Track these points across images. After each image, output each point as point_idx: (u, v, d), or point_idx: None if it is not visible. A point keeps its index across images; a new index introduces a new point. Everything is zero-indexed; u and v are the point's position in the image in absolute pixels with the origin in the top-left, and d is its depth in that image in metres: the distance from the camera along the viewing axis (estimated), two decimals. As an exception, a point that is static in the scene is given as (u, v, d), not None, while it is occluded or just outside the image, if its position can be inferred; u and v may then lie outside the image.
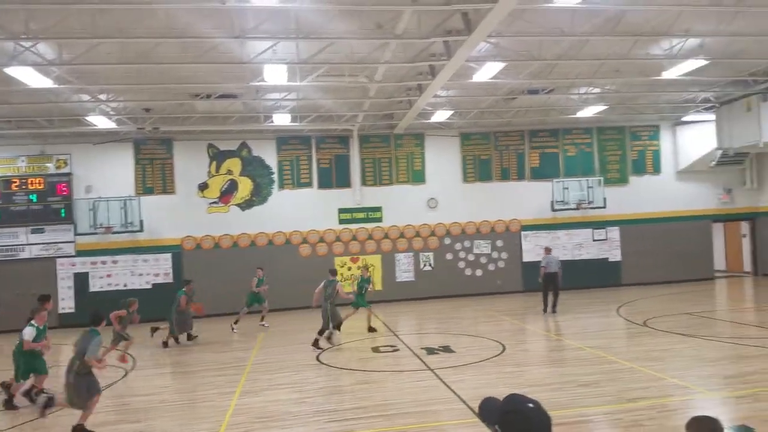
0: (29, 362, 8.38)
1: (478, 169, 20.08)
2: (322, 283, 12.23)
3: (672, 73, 14.00)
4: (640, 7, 9.88)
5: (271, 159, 19.20)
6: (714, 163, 20.05)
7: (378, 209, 19.61)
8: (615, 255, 20.12)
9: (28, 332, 8.26)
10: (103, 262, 18.16)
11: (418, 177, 19.84)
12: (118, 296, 14.33)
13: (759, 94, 16.72)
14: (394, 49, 11.37)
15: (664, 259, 19.97)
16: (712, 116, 19.11)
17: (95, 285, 18.05)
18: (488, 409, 1.98)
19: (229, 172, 18.97)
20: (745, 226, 21.81)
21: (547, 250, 15.98)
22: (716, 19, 11.02)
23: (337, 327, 12.21)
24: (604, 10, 10.14)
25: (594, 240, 20.25)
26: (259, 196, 19.08)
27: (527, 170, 20.26)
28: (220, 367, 10.67)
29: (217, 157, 18.94)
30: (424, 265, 19.67)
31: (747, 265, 21.73)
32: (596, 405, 7.08)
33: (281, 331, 14.57)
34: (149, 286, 18.07)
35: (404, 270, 19.59)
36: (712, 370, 8.43)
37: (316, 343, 11.69)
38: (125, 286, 17.97)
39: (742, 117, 17.46)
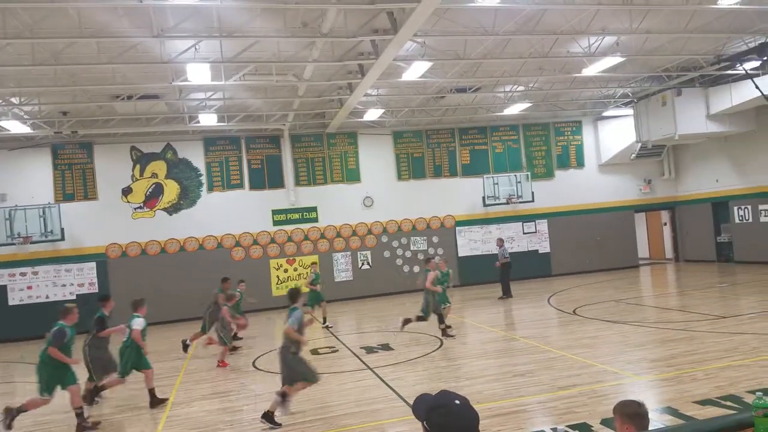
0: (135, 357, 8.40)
1: (411, 167, 20.28)
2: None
3: (591, 70, 14.66)
4: (558, 7, 10.24)
5: (198, 161, 18.59)
6: (634, 155, 21.16)
7: (313, 209, 19.43)
8: (544, 247, 20.86)
9: (139, 322, 8.50)
10: (23, 274, 17.04)
11: (352, 176, 19.80)
12: (41, 309, 13.49)
13: (673, 89, 17.75)
14: (322, 47, 11.27)
15: (591, 249, 20.91)
16: (630, 111, 20.13)
17: (15, 298, 16.92)
18: (419, 406, 1.98)
19: (154, 175, 18.22)
20: (665, 215, 23.16)
21: (501, 242, 17.04)
22: (629, 18, 11.59)
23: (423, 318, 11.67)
24: (524, 10, 10.45)
25: (524, 233, 20.91)
26: (186, 199, 18.43)
27: (459, 167, 20.65)
28: (151, 378, 10.23)
29: (141, 160, 18.16)
30: (362, 264, 19.67)
31: (669, 252, 23.09)
32: (532, 394, 7.25)
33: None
34: (73, 297, 17.09)
35: (342, 270, 19.52)
36: (639, 355, 8.80)
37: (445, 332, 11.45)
38: (47, 297, 16.93)
39: (659, 111, 18.43)
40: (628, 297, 14.67)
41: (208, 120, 16.89)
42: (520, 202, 20.26)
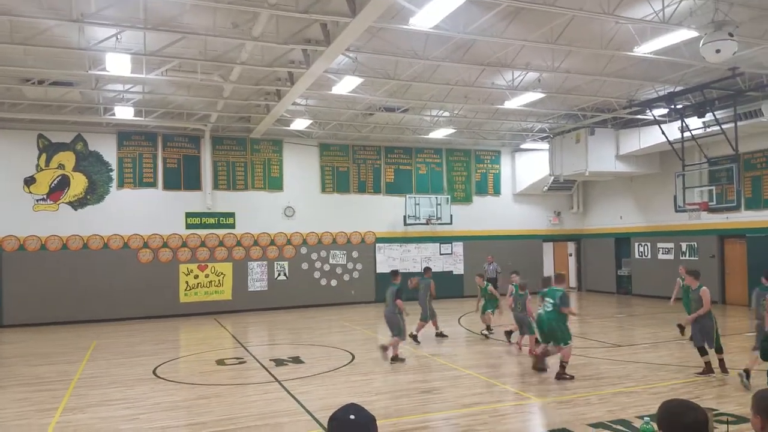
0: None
1: (336, 180, 20.25)
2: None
3: (513, 103, 15.36)
4: (486, 38, 10.66)
5: (110, 155, 17.60)
6: (546, 188, 22.29)
7: (231, 215, 18.85)
8: (459, 268, 21.44)
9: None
10: None
11: (275, 184, 19.46)
12: None
13: (587, 128, 18.93)
14: (252, 51, 11.08)
15: (502, 273, 21.60)
16: (546, 145, 21.24)
17: None
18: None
19: (61, 166, 17.06)
20: (571, 246, 24.46)
21: (491, 259, 18.60)
22: (552, 57, 12.27)
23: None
24: (454, 38, 10.79)
25: (441, 254, 21.39)
26: (94, 194, 17.35)
27: (383, 184, 20.86)
28: (40, 382, 9.45)
29: (48, 149, 16.97)
30: (279, 275, 19.29)
31: (572, 282, 24.32)
32: (436, 411, 7.35)
33: (115, 343, 13.31)
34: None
35: (257, 279, 19.02)
36: (540, 377, 9.13)
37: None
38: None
39: (572, 147, 19.56)
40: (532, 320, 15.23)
41: (124, 113, 16.00)
42: (439, 224, 20.73)
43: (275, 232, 19.36)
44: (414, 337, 12.16)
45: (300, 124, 17.71)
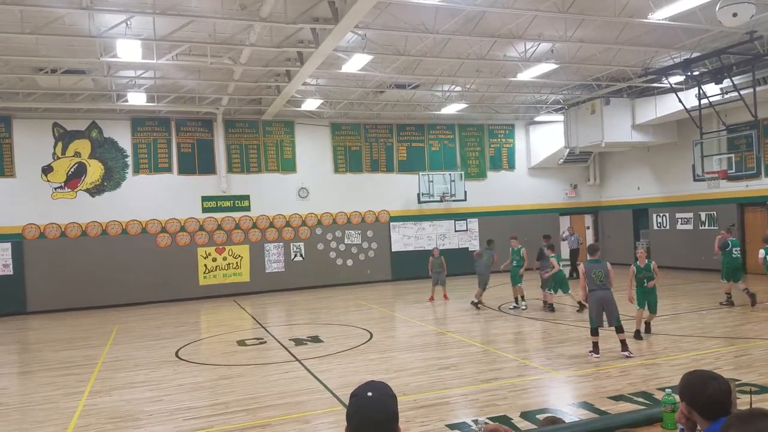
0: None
1: (348, 160, 20.21)
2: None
3: (526, 75, 15.11)
4: (496, 9, 10.46)
5: (125, 141, 17.74)
6: (562, 160, 22.02)
7: (246, 197, 18.97)
8: (474, 245, 21.32)
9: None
10: None
11: (288, 165, 19.49)
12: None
13: (602, 98, 18.60)
14: (260, 32, 11.00)
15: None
16: (561, 117, 20.93)
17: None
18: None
19: (77, 154, 17.24)
20: (588, 219, 24.25)
21: (571, 230, 18.85)
22: (564, 26, 12.01)
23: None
24: (464, 10, 10.61)
25: (456, 231, 21.35)
26: (111, 180, 17.54)
27: (396, 162, 20.78)
28: (65, 366, 9.69)
29: (64, 137, 17.14)
30: (295, 256, 19.45)
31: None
32: (455, 387, 7.38)
33: (137, 327, 13.59)
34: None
35: (274, 260, 19.20)
36: (559, 351, 9.12)
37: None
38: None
39: (587, 119, 19.28)
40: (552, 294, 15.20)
41: (137, 99, 16.12)
42: (454, 201, 20.64)
43: (290, 213, 19.46)
44: (476, 305, 13.47)
45: (311, 104, 17.66)
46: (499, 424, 3.18)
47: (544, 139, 21.99)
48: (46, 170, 16.93)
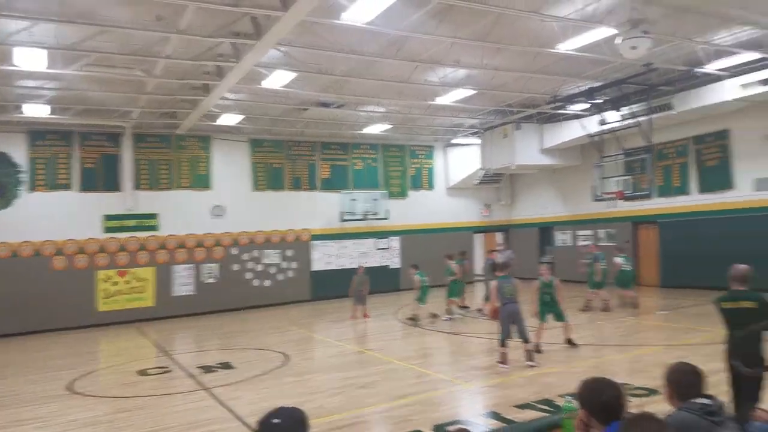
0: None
1: (269, 177, 19.79)
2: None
3: (445, 99, 15.60)
4: (419, 35, 10.73)
5: (20, 156, 16.28)
6: (477, 181, 22.87)
7: (153, 216, 17.93)
8: (395, 263, 21.59)
9: None
10: None
11: (202, 182, 18.75)
12: None
13: (513, 123, 19.55)
14: (177, 44, 10.58)
15: (436, 265, 21.97)
16: (476, 140, 21.77)
17: None
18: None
19: (-38, 169, 15.62)
20: (500, 237, 25.25)
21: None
22: (481, 54, 12.52)
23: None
24: (388, 34, 10.79)
25: (377, 249, 21.47)
26: (2, 198, 16.01)
27: (318, 181, 20.62)
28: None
29: (-51, 150, 15.49)
30: (207, 277, 18.63)
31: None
32: (371, 405, 7.38)
33: (25, 358, 12.38)
34: None
35: (183, 283, 18.20)
36: (470, 364, 9.45)
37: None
38: None
39: (500, 142, 20.20)
40: (465, 310, 15.61)
41: (36, 111, 14.87)
42: (376, 219, 20.77)
43: (203, 232, 18.65)
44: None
45: (229, 119, 17.15)
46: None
47: (461, 160, 22.75)
48: (-74, 184, 15.23)
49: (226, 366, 10.38)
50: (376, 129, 19.49)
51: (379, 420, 6.90)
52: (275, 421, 1.90)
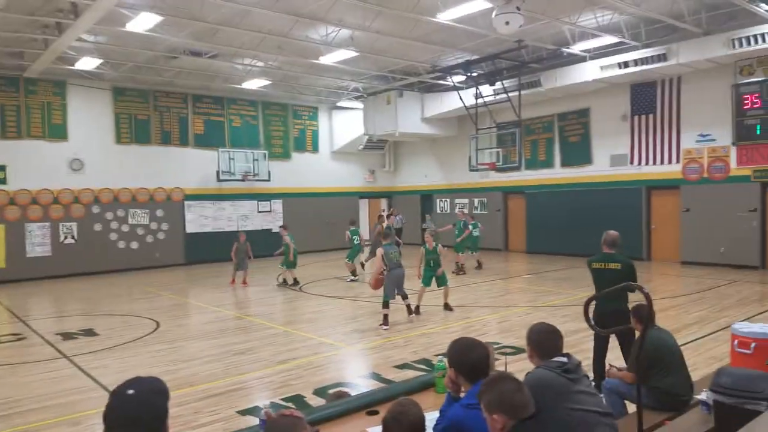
0: None
1: (134, 130, 18.27)
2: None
3: (327, 59, 15.27)
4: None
5: None
6: (362, 147, 22.94)
7: (1, 168, 15.98)
8: (277, 226, 21.07)
9: None
10: None
11: (57, 132, 16.88)
12: None
13: (396, 90, 19.72)
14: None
15: (320, 230, 21.97)
16: (361, 105, 21.69)
17: None
18: None
19: None
20: (384, 203, 25.72)
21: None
22: (363, 16, 12.34)
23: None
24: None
25: (259, 211, 20.87)
26: None
27: (191, 136, 19.43)
28: None
29: None
30: (65, 238, 17.03)
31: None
32: (250, 371, 7.20)
33: None
34: None
35: (38, 243, 16.56)
36: (352, 327, 9.53)
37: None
38: None
39: (384, 108, 20.31)
40: (348, 274, 15.75)
41: None
42: (257, 180, 20.10)
43: (60, 188, 16.94)
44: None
45: (88, 63, 15.42)
46: (293, 409, 3.15)
47: (347, 124, 22.63)
48: None
49: (90, 333, 9.65)
50: (254, 84, 18.63)
51: (258, 386, 6.72)
52: (130, 392, 1.78)
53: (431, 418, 2.74)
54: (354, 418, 3.37)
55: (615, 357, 6.59)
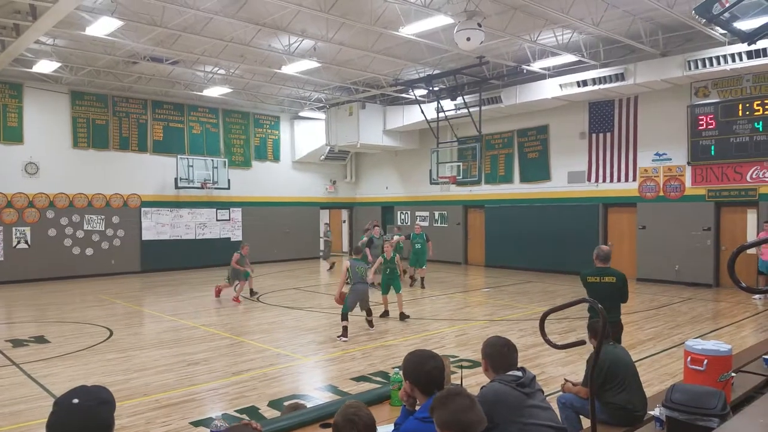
0: None
1: (91, 135, 17.91)
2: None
3: (290, 68, 15.33)
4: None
5: None
6: (323, 157, 23.01)
7: (-48, 172, 15.46)
8: (237, 235, 20.96)
9: None
10: None
11: (12, 135, 16.44)
12: None
13: (358, 102, 19.89)
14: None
15: (280, 239, 21.89)
16: (323, 115, 21.79)
17: None
18: None
19: None
20: (345, 213, 25.78)
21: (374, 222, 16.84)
22: (326, 27, 12.48)
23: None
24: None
25: (218, 220, 20.66)
26: None
27: (150, 142, 19.15)
28: None
29: None
30: (18, 242, 16.53)
31: (345, 246, 25.76)
32: (204, 382, 7.12)
33: None
34: None
35: (-12, 248, 16.04)
36: (310, 338, 9.49)
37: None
38: None
39: (346, 120, 20.43)
40: (307, 285, 15.80)
41: None
42: (216, 188, 19.90)
43: (13, 192, 16.46)
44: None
45: (45, 66, 15.09)
46: (247, 421, 3.16)
47: (308, 134, 22.66)
48: None
49: (41, 340, 9.43)
50: (215, 92, 18.52)
51: (212, 397, 6.64)
52: (75, 401, 1.76)
53: (385, 431, 2.74)
54: (308, 431, 3.35)
55: (570, 372, 6.87)
